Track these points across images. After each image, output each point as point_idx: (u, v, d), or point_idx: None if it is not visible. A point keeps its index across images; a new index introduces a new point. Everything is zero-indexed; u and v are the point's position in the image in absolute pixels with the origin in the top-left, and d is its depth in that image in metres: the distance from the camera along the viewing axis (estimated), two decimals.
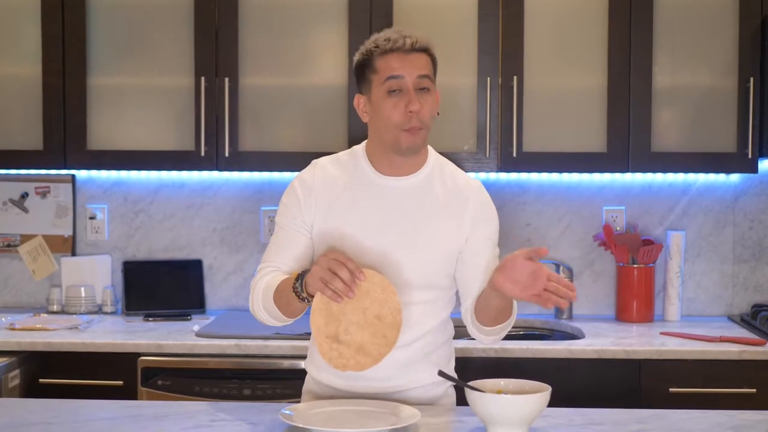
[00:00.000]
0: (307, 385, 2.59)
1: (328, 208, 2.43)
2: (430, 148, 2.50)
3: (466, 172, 2.54)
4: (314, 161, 2.53)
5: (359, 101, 2.44)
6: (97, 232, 4.08)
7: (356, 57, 2.42)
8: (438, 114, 2.46)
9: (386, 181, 2.44)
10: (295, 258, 2.46)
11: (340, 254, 2.20)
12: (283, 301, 2.34)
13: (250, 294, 2.46)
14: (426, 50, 2.37)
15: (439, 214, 2.43)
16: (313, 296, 2.23)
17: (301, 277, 2.26)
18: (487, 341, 2.48)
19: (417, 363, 2.46)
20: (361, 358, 2.21)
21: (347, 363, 2.21)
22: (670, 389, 3.35)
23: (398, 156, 2.41)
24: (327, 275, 2.16)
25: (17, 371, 3.34)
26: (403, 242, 2.40)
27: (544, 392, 2.20)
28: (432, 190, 2.44)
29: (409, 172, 2.44)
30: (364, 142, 2.50)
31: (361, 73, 2.41)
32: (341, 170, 2.47)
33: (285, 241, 2.47)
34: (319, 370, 2.51)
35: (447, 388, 2.55)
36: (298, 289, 2.26)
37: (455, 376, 2.55)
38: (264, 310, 2.42)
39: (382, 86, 2.35)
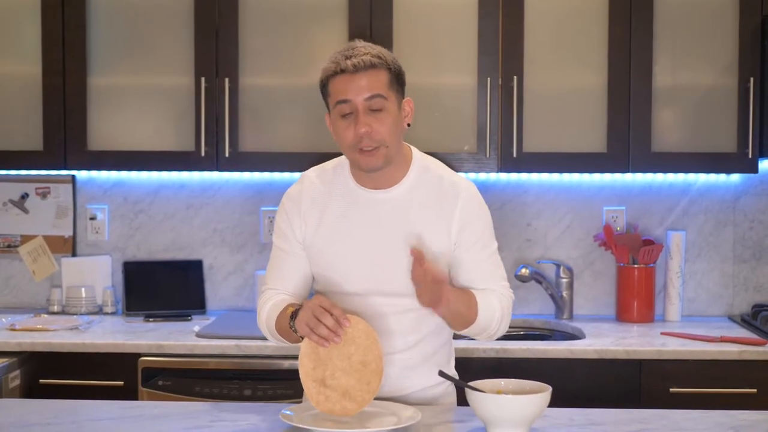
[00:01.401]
0: None
1: (316, 222, 2.46)
2: (414, 152, 2.50)
3: (466, 172, 2.55)
4: (303, 175, 2.55)
5: (327, 120, 2.44)
6: (97, 232, 4.08)
7: (319, 79, 2.41)
8: (408, 125, 2.44)
9: (371, 195, 2.44)
10: (295, 278, 2.51)
11: (326, 301, 2.25)
12: (284, 334, 2.41)
13: (257, 317, 2.52)
14: (374, 66, 2.32)
15: (427, 221, 2.42)
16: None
17: (295, 314, 2.31)
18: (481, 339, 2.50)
19: (418, 366, 2.47)
20: (346, 403, 2.25)
21: (333, 407, 2.25)
22: (671, 389, 3.35)
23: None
24: (312, 322, 2.23)
25: (18, 372, 3.34)
26: (392, 252, 2.41)
27: (545, 392, 2.20)
28: (417, 198, 2.44)
29: (391, 183, 2.44)
30: None
31: (322, 94, 2.42)
32: (328, 183, 2.49)
33: (282, 263, 2.51)
34: None
35: (447, 387, 2.55)
36: (293, 328, 2.32)
37: (456, 375, 2.56)
38: (271, 336, 2.48)
39: (335, 110, 2.37)
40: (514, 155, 3.64)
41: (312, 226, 2.46)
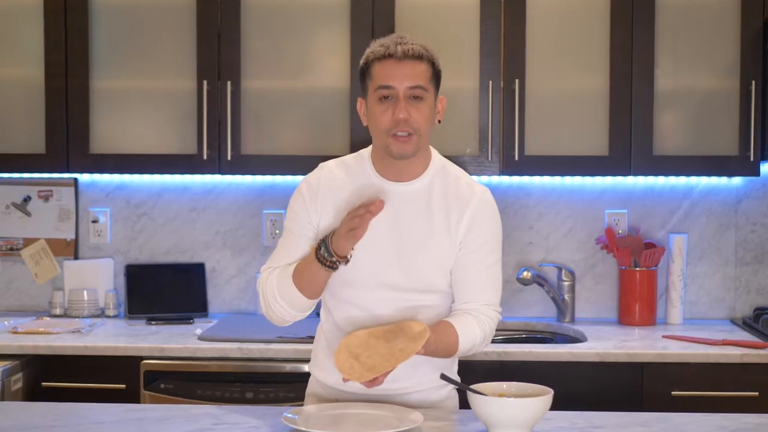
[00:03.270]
0: (311, 387, 2.60)
1: (333, 211, 2.46)
2: (434, 153, 2.51)
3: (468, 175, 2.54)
4: (321, 164, 2.55)
5: (361, 105, 2.47)
6: (99, 235, 4.08)
7: (361, 61, 2.44)
8: (439, 122, 2.46)
9: (390, 187, 2.45)
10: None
11: (355, 209, 2.31)
12: (305, 280, 2.39)
13: (260, 294, 2.48)
14: (421, 57, 2.36)
15: (439, 220, 2.44)
16: (342, 258, 2.34)
17: (322, 244, 2.34)
18: None
19: (421, 365, 2.47)
20: (366, 373, 2.24)
21: (351, 375, 2.25)
22: (673, 392, 3.35)
23: (395, 160, 2.42)
24: (346, 225, 2.30)
25: (20, 374, 3.35)
26: (404, 247, 2.42)
27: (546, 395, 2.20)
28: (434, 196, 2.45)
29: (411, 177, 2.45)
30: (370, 146, 2.51)
31: (361, 78, 2.44)
32: (347, 174, 2.49)
33: (293, 244, 2.49)
34: (324, 372, 2.52)
35: (450, 391, 2.56)
36: (324, 255, 2.34)
37: (459, 379, 2.56)
38: (281, 299, 2.43)
39: (375, 93, 2.38)
40: (516, 158, 3.64)
41: (329, 214, 2.46)
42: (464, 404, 2.35)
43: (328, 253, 2.33)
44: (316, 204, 2.47)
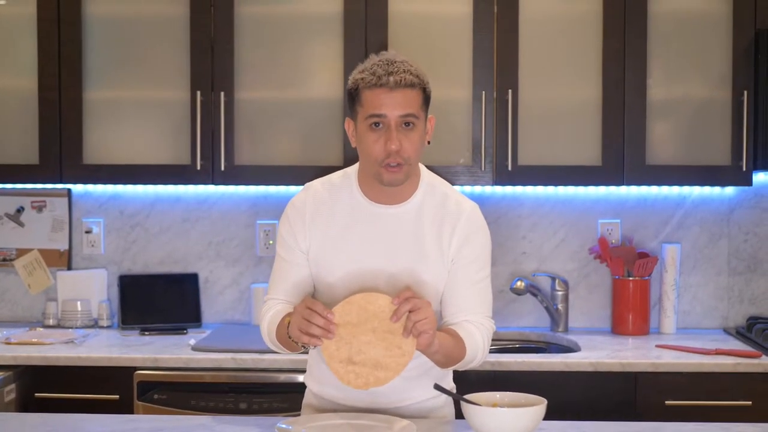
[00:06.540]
0: (307, 399, 2.60)
1: (321, 233, 2.45)
2: (422, 169, 2.49)
3: (461, 185, 2.56)
4: (307, 185, 2.54)
5: (349, 126, 2.44)
6: (93, 245, 4.08)
7: (348, 82, 2.41)
8: (429, 143, 2.44)
9: (378, 209, 2.44)
10: (296, 288, 2.49)
11: (309, 300, 2.25)
12: (286, 344, 2.40)
13: (260, 328, 2.51)
14: (413, 86, 2.33)
15: (431, 240, 2.43)
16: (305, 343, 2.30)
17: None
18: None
19: (416, 379, 2.47)
20: (379, 373, 2.22)
21: (367, 381, 2.22)
22: (666, 402, 3.35)
23: (385, 187, 2.41)
24: (303, 324, 2.22)
25: (13, 385, 3.34)
26: (394, 268, 2.41)
27: (540, 405, 2.21)
28: (423, 217, 2.44)
29: (400, 200, 2.44)
30: (356, 165, 2.50)
31: (350, 100, 2.41)
32: (334, 195, 2.48)
33: (285, 272, 2.50)
34: (319, 384, 2.53)
35: (445, 398, 2.55)
36: (291, 338, 2.32)
37: (454, 387, 2.56)
38: (275, 347, 2.47)
39: (366, 121, 2.35)
40: (509, 168, 3.65)
41: (317, 237, 2.45)
42: (460, 413, 2.35)
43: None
44: (304, 228, 2.46)
